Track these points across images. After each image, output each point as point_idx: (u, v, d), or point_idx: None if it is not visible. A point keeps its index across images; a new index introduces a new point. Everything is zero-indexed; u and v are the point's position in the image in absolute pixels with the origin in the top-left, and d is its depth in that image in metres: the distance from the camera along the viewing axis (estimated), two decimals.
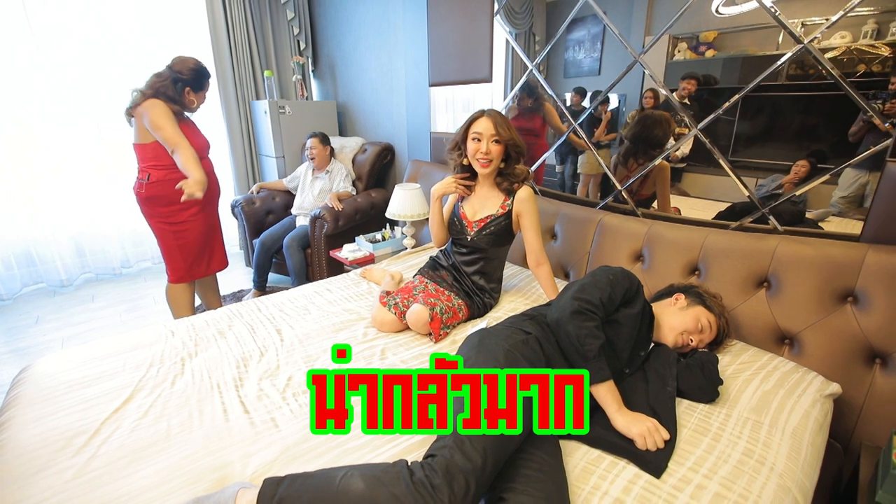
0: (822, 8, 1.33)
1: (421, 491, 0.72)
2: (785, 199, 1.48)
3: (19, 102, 2.95)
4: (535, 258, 1.62)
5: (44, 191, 3.13)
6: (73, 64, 3.04)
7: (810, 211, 1.48)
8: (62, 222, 3.24)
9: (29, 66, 2.92)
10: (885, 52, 1.25)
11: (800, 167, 1.49)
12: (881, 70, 1.27)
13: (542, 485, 0.81)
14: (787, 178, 1.50)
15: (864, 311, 1.23)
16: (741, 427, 1.04)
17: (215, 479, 0.92)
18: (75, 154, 3.17)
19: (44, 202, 3.15)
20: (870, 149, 1.30)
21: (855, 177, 1.38)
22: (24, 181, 3.05)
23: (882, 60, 1.27)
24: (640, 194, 1.83)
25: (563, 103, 2.05)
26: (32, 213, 3.13)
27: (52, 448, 1.00)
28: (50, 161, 3.11)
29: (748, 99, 1.51)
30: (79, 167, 3.21)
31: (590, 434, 1.02)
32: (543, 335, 1.10)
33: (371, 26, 3.14)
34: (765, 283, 1.41)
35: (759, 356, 1.31)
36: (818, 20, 1.33)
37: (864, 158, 1.31)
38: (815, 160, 1.46)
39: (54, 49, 2.96)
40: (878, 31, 1.27)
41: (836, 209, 1.43)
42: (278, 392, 1.19)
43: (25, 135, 3.01)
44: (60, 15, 2.95)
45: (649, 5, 1.72)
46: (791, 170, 1.49)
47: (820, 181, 1.42)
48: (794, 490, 0.89)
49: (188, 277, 2.25)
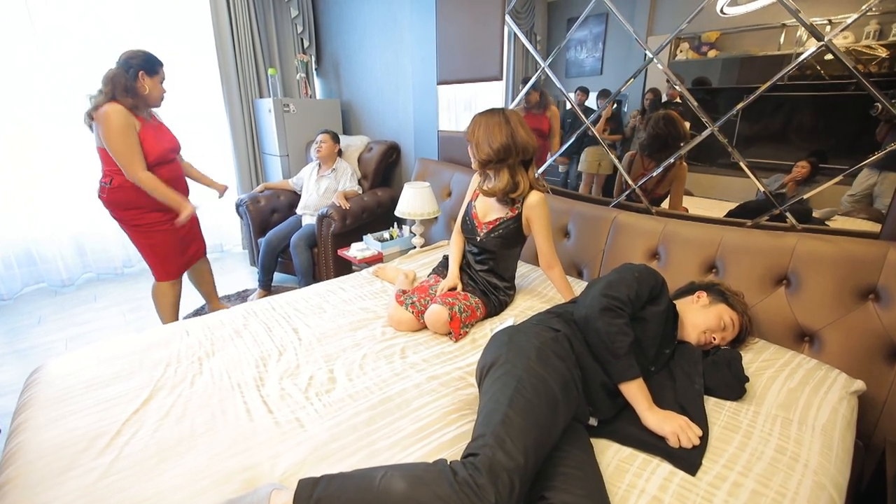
0: (823, 9, 1.34)
1: (466, 491, 0.71)
2: (796, 199, 1.48)
3: (20, 102, 2.90)
4: (547, 261, 1.62)
5: (44, 190, 3.09)
6: (74, 64, 2.99)
7: (816, 210, 1.49)
8: (63, 222, 3.20)
9: (29, 66, 2.88)
10: (883, 53, 1.26)
11: (801, 167, 1.50)
12: (878, 71, 1.28)
13: (581, 483, 0.81)
14: (789, 177, 1.51)
15: (887, 307, 1.23)
16: (771, 424, 1.04)
17: (244, 480, 0.90)
18: (75, 153, 3.12)
19: (44, 202, 3.10)
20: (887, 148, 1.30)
21: (867, 177, 1.38)
22: (24, 181, 3.01)
23: (879, 62, 1.28)
24: (655, 193, 1.83)
25: (572, 102, 2.05)
26: (33, 212, 3.08)
27: (74, 449, 0.98)
28: (50, 161, 3.07)
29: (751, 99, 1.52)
30: (79, 166, 3.16)
31: (621, 432, 1.01)
32: (572, 332, 1.09)
33: (376, 24, 3.12)
34: (784, 280, 1.42)
35: (782, 354, 1.31)
36: (820, 20, 1.34)
37: (880, 158, 1.31)
38: (815, 160, 1.47)
39: (54, 49, 2.92)
40: (881, 31, 1.28)
41: (844, 208, 1.43)
42: (301, 391, 1.18)
43: (25, 135, 2.97)
44: (61, 15, 2.91)
45: (652, 6, 1.73)
46: (792, 170, 1.50)
47: (834, 181, 1.41)
48: (829, 487, 0.89)
49: (175, 274, 2.25)
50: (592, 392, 1.04)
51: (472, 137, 1.54)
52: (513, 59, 2.24)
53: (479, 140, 1.52)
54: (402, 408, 1.11)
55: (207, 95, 3.49)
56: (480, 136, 1.51)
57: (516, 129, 1.49)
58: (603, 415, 1.05)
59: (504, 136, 1.48)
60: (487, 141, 1.49)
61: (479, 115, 1.56)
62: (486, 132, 1.50)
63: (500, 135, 1.48)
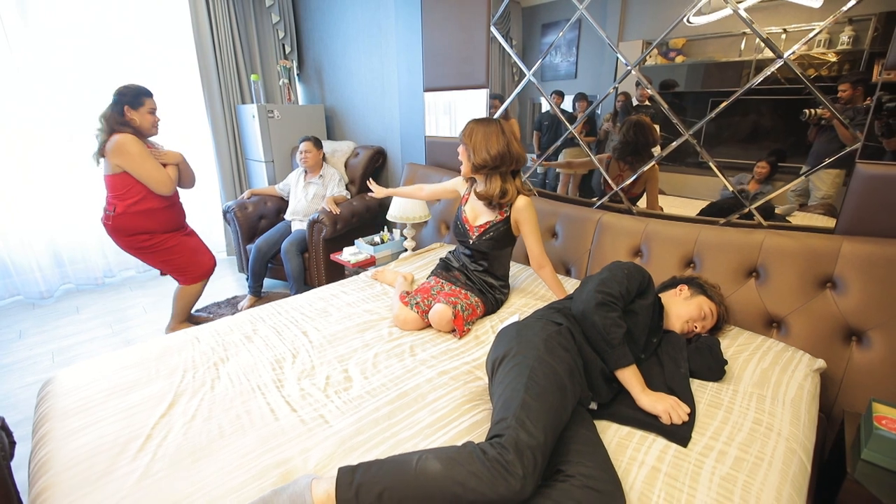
0: (777, 19, 1.50)
1: (497, 467, 0.80)
2: (765, 199, 1.64)
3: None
4: (537, 262, 1.71)
5: (18, 199, 3.00)
6: (45, 73, 2.92)
7: (778, 207, 1.65)
8: (38, 231, 3.11)
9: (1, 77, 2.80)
10: (833, 58, 1.43)
11: (761, 167, 1.66)
12: (828, 74, 1.45)
13: (591, 457, 0.91)
14: (752, 178, 1.67)
15: (842, 294, 1.39)
16: (748, 400, 1.17)
17: (280, 474, 0.97)
18: (50, 161, 3.05)
19: (18, 211, 3.01)
20: (821, 148, 1.48)
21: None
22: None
23: (829, 66, 1.45)
24: (631, 193, 1.97)
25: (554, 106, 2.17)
26: (5, 221, 2.99)
27: (108, 454, 1.02)
28: (24, 168, 2.99)
29: (715, 103, 1.67)
30: (54, 174, 3.09)
31: (619, 413, 1.13)
32: (572, 325, 1.20)
33: (361, 31, 3.18)
34: (754, 273, 1.57)
35: (754, 339, 1.46)
36: (776, 29, 1.50)
37: (835, 161, 1.48)
38: (774, 159, 1.64)
39: (28, 59, 2.85)
40: (830, 40, 1.45)
41: (790, 201, 1.61)
42: (320, 390, 1.24)
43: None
44: (34, 26, 2.84)
45: (622, 13, 1.86)
46: (753, 169, 1.66)
47: (796, 182, 1.58)
48: (799, 451, 1.02)
49: (200, 276, 2.39)
50: (592, 378, 1.15)
51: (469, 140, 1.62)
52: (489, 65, 2.35)
53: (476, 145, 1.60)
54: (418, 401, 1.19)
55: (189, 102, 3.47)
56: (478, 141, 1.60)
57: (511, 141, 1.59)
58: (602, 399, 1.16)
59: (501, 145, 1.58)
60: (485, 147, 1.58)
61: (476, 121, 1.65)
62: (484, 138, 1.59)
63: (498, 143, 1.57)
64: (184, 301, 2.44)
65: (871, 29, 1.37)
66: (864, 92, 1.38)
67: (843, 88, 1.43)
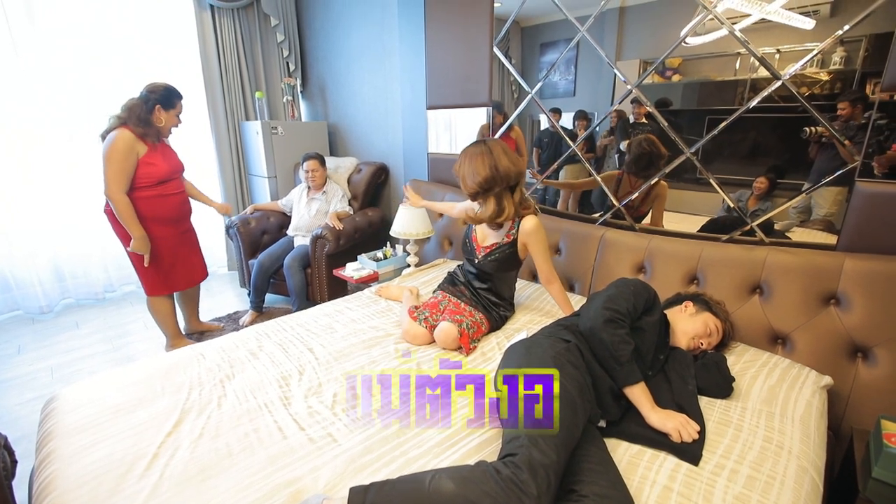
0: (771, 40, 1.54)
1: (510, 486, 0.79)
2: (768, 215, 1.66)
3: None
4: (546, 278, 1.70)
5: (18, 199, 2.99)
6: (46, 87, 2.95)
7: (778, 223, 1.67)
8: (39, 245, 3.10)
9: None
10: (826, 77, 1.48)
11: (760, 183, 1.69)
12: (821, 92, 1.49)
13: (604, 476, 0.91)
14: (751, 194, 1.69)
15: (846, 311, 1.40)
16: (757, 417, 1.17)
17: (291, 493, 0.96)
18: (50, 161, 3.05)
19: (20, 225, 3.01)
20: (823, 166, 1.51)
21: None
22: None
23: (822, 84, 1.49)
24: (639, 211, 1.99)
25: (555, 123, 2.21)
26: (6, 235, 2.98)
27: (115, 473, 1.01)
28: (24, 168, 2.98)
29: (711, 120, 1.70)
30: (54, 175, 3.07)
31: (628, 431, 1.12)
32: (581, 342, 1.20)
33: (365, 50, 3.24)
34: (757, 289, 1.58)
35: (759, 355, 1.46)
36: (770, 49, 1.54)
37: (835, 178, 1.51)
38: (773, 176, 1.67)
39: (29, 71, 2.87)
40: (823, 60, 1.49)
41: (791, 218, 1.63)
42: (327, 408, 1.24)
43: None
44: (38, 41, 2.88)
45: (619, 33, 1.91)
46: (752, 185, 1.68)
47: (798, 198, 1.60)
48: (810, 470, 1.02)
49: (165, 289, 2.34)
50: (601, 396, 1.15)
51: (458, 171, 1.62)
52: (495, 85, 2.40)
53: (464, 174, 1.60)
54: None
55: (193, 117, 3.50)
56: (466, 171, 1.59)
57: (499, 159, 1.55)
58: (611, 416, 1.15)
59: (486, 168, 1.54)
60: (472, 175, 1.57)
61: (465, 148, 1.64)
62: (470, 166, 1.57)
63: (483, 167, 1.55)
64: (159, 317, 2.40)
65: (862, 49, 1.42)
66: (863, 110, 1.42)
67: (842, 107, 1.46)
